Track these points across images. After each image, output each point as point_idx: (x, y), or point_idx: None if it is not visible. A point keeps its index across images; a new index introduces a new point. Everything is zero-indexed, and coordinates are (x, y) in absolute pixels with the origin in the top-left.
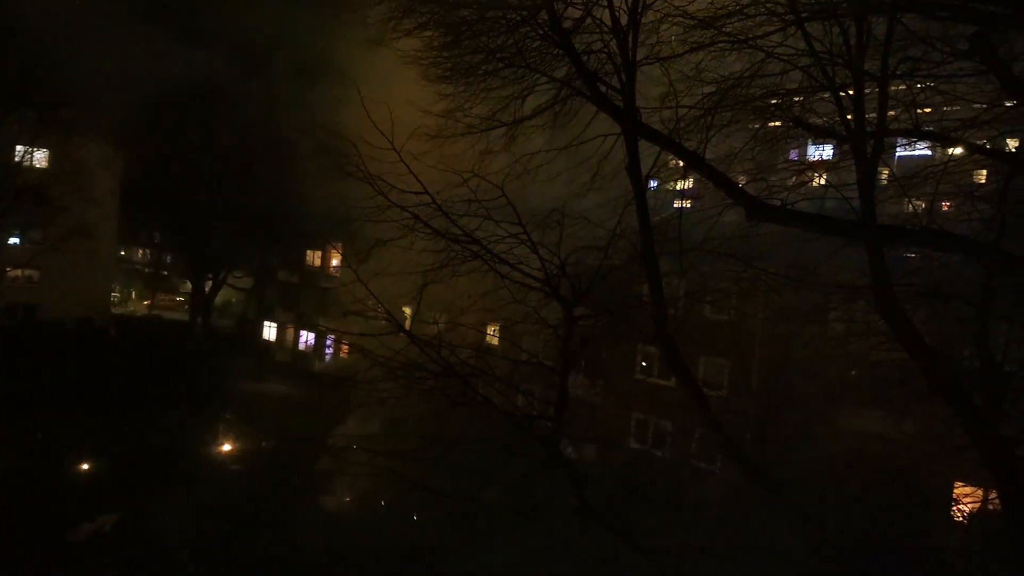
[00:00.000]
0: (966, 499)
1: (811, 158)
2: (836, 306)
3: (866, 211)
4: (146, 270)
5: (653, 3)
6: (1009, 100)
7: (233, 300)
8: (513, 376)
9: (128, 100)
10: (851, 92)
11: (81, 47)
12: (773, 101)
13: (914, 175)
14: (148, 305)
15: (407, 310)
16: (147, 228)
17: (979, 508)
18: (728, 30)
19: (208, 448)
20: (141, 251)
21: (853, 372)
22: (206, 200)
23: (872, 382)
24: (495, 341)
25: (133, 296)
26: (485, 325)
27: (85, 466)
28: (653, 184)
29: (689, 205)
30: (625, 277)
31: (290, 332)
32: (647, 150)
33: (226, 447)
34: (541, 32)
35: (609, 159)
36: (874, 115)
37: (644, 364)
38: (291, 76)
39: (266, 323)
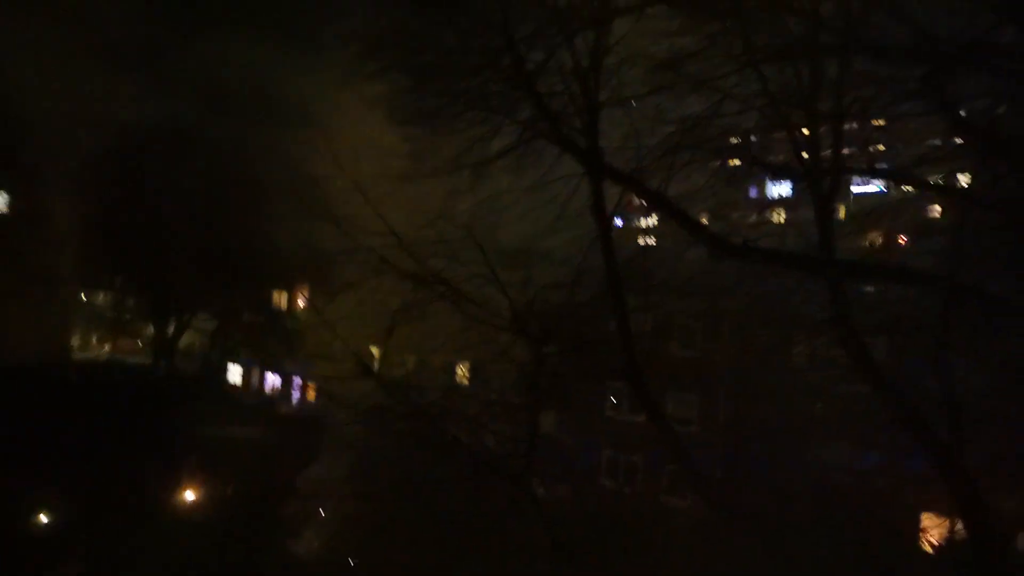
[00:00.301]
0: (933, 529)
1: (772, 195)
2: (799, 340)
3: (825, 247)
4: (108, 313)
5: (615, 46)
6: (958, 139)
7: (197, 343)
8: (483, 416)
9: (89, 141)
10: (806, 131)
11: (40, 87)
12: (732, 140)
13: (871, 211)
14: (110, 349)
15: (375, 350)
16: (109, 270)
17: (946, 539)
18: (687, 72)
19: (173, 496)
20: (103, 294)
21: (819, 405)
22: (170, 241)
23: (837, 415)
24: (465, 380)
25: (95, 340)
26: (454, 364)
27: (44, 518)
28: (619, 222)
29: (654, 242)
30: (593, 314)
31: (256, 374)
32: (613, 187)
33: (191, 495)
34: (504, 76)
35: (575, 198)
36: (830, 153)
37: (614, 400)
38: (258, 117)
39: (231, 365)
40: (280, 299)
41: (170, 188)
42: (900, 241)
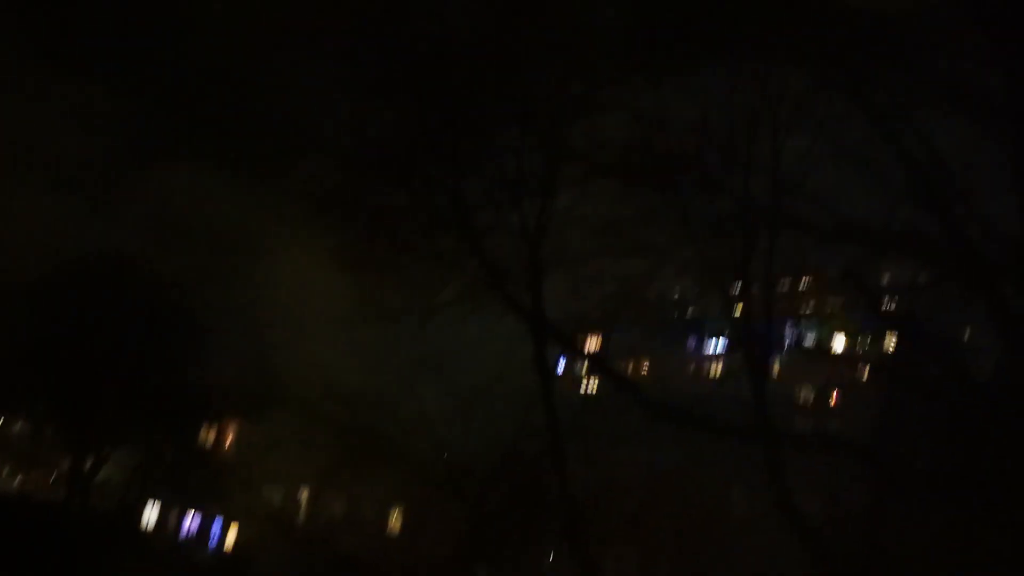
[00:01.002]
0: None
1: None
2: (737, 498)
3: (759, 411)
4: (23, 444)
5: (558, 211)
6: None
7: (115, 478)
8: (415, 572)
9: (23, 264)
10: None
11: None
12: (670, 300)
13: (801, 369)
14: (20, 483)
15: (304, 493)
16: (31, 398)
17: None
18: (627, 236)
19: None
20: (21, 422)
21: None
22: (98, 371)
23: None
24: (397, 529)
25: (5, 473)
26: (386, 513)
27: None
28: (562, 366)
29: (595, 392)
30: (533, 471)
31: (174, 515)
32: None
33: None
34: (453, 235)
35: (517, 352)
36: (763, 319)
37: (552, 559)
38: (203, 249)
39: (149, 503)
40: (208, 435)
41: (104, 316)
42: (832, 400)
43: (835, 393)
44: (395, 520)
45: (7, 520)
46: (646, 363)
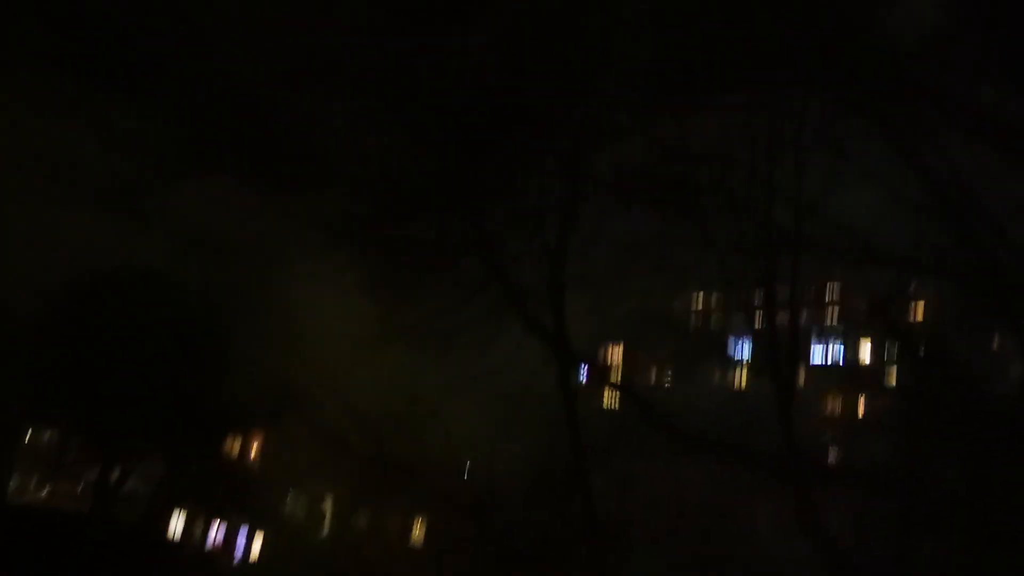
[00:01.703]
0: None
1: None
2: (761, 519)
3: (787, 439)
4: (51, 455)
5: (580, 231)
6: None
7: (141, 489)
8: None
9: (53, 277)
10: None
11: (8, 219)
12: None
13: (826, 381)
14: (48, 495)
15: (328, 505)
16: (59, 409)
17: None
18: (649, 255)
19: None
20: (49, 433)
21: None
22: (125, 383)
23: None
24: (420, 543)
25: (33, 484)
26: (409, 528)
27: None
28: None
29: (619, 409)
30: (558, 499)
31: (200, 525)
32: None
33: None
34: (476, 260)
35: (541, 372)
36: (788, 341)
37: None
38: (231, 263)
39: (175, 514)
40: (233, 446)
41: (132, 329)
42: (858, 411)
43: (861, 405)
44: (418, 533)
45: (35, 530)
46: (669, 379)
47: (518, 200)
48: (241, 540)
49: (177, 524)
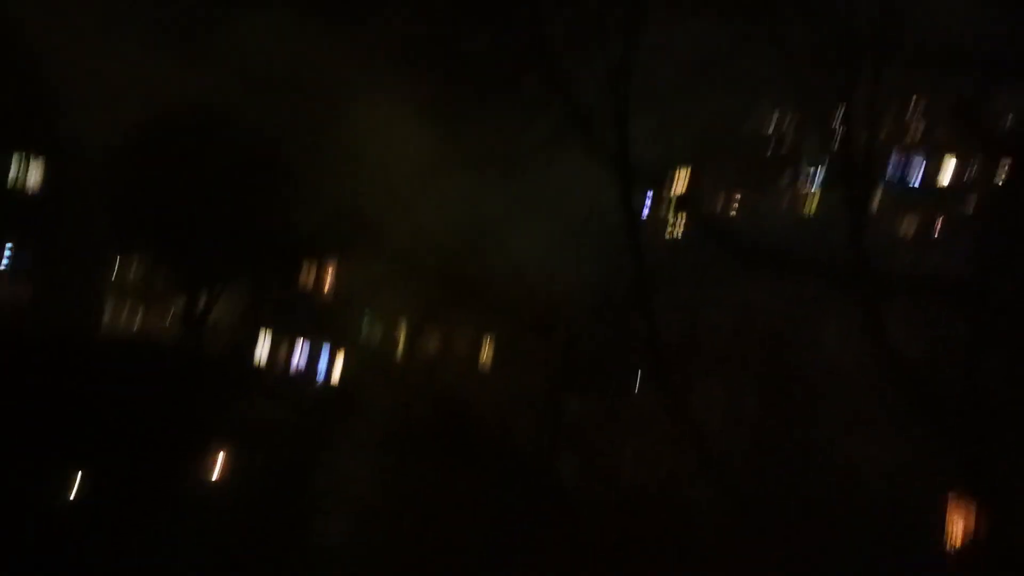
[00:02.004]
0: (956, 526)
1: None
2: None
3: (857, 251)
4: (139, 286)
5: (646, 47)
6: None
7: (226, 317)
8: (508, 404)
9: (125, 114)
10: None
11: (78, 59)
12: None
13: (904, 203)
14: (138, 325)
15: (403, 327)
16: (142, 241)
17: (969, 535)
18: (719, 72)
19: (199, 476)
20: (135, 265)
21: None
22: (202, 214)
23: (865, 412)
24: (488, 364)
25: (125, 313)
26: (479, 349)
27: (70, 496)
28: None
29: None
30: (619, 315)
31: (285, 349)
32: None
33: (216, 475)
34: (537, 77)
35: (601, 200)
36: (863, 153)
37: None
38: (293, 95)
39: (260, 339)
40: (310, 274)
41: (204, 162)
42: (934, 233)
43: (938, 227)
44: (487, 356)
45: (128, 360)
46: (737, 203)
47: (580, 13)
48: (323, 364)
49: (263, 350)
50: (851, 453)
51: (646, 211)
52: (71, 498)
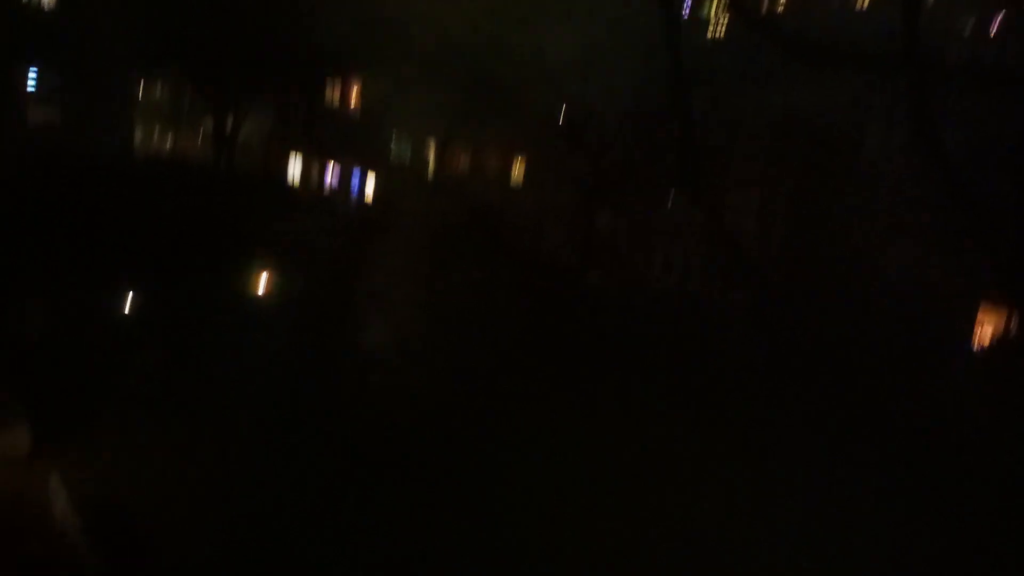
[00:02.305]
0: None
1: None
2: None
3: (908, 38)
4: (166, 107)
5: None
6: None
7: (255, 138)
8: (539, 217)
9: None
10: None
11: None
12: None
13: None
14: (170, 144)
15: (433, 147)
16: (166, 61)
17: (1002, 338)
18: None
19: (241, 291)
20: (160, 86)
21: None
22: (224, 33)
23: (904, 219)
24: (520, 181)
25: (155, 135)
26: (510, 166)
27: (122, 308)
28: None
29: (722, 36)
30: (651, 124)
31: (315, 171)
32: None
33: (259, 291)
34: None
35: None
36: None
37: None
38: None
39: (289, 161)
40: (334, 92)
41: None
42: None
43: (996, 22)
44: (518, 171)
45: (164, 178)
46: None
47: None
48: (355, 181)
49: (294, 169)
50: (887, 261)
51: (686, 10)
52: (125, 312)
